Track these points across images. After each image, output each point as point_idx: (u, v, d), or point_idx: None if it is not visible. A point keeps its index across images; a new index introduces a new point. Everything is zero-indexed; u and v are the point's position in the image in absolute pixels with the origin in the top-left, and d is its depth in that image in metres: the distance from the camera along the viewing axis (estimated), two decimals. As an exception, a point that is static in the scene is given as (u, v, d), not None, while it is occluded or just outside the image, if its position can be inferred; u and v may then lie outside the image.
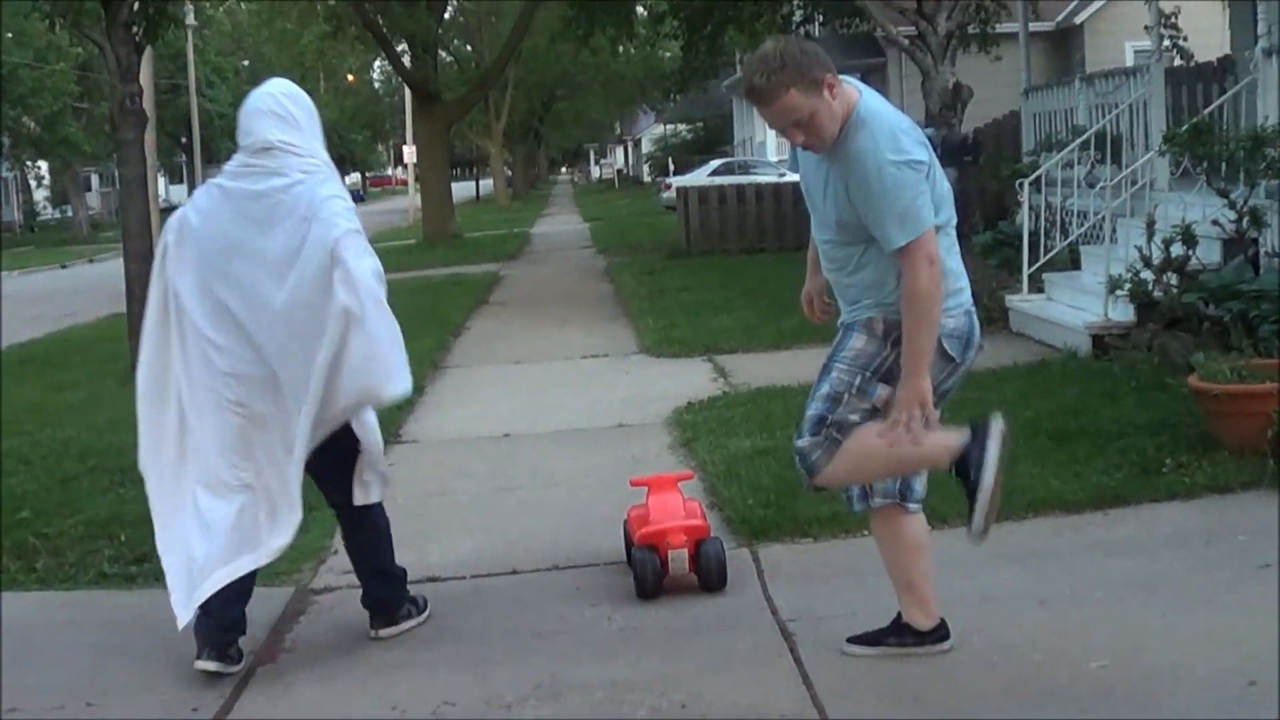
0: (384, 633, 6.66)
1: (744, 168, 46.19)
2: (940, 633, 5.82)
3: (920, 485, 5.77)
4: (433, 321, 18.41)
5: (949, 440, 5.50)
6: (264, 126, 6.22)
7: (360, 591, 6.75)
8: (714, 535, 6.98)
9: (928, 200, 5.28)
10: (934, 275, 5.22)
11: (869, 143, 5.23)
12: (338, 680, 6.13)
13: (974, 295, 5.65)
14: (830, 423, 5.49)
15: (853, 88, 5.39)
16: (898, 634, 5.85)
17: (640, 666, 5.98)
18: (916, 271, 5.22)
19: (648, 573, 6.73)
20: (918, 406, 5.28)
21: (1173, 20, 19.70)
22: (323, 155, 6.37)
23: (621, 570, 7.09)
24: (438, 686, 5.96)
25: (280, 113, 6.27)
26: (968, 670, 5.67)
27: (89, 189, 74.49)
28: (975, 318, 5.61)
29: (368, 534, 6.61)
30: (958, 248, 5.60)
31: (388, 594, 6.71)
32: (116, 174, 18.94)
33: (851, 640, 5.93)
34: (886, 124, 5.30)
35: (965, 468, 5.46)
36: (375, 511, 6.56)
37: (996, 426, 5.44)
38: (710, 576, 6.79)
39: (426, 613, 6.82)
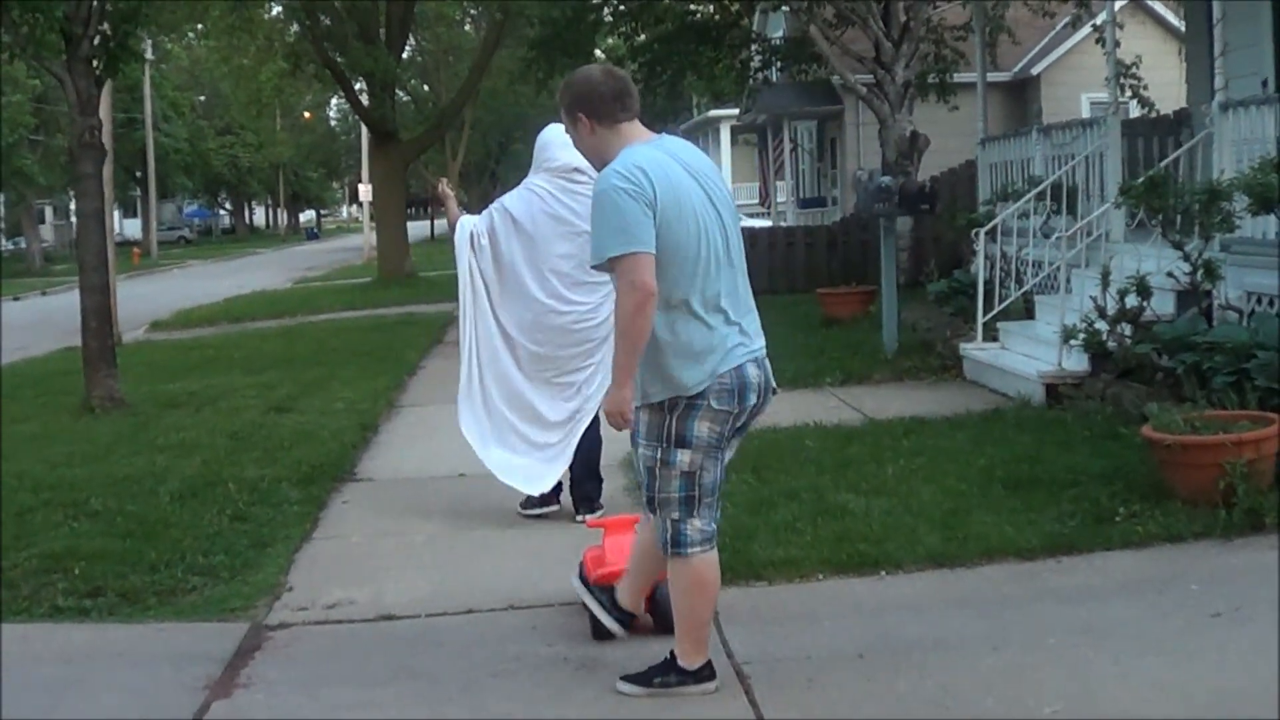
0: (589, 519, 8.66)
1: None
2: (705, 672, 5.93)
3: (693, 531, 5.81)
4: (388, 360, 18.43)
5: None
6: (569, 155, 8.47)
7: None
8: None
9: (648, 231, 5.46)
10: (636, 302, 5.42)
11: (605, 172, 5.63)
12: (295, 717, 6.11)
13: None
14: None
15: (638, 139, 5.80)
16: (663, 672, 5.97)
17: (596, 706, 5.99)
18: (620, 291, 5.50)
19: (604, 613, 6.73)
20: (617, 415, 5.66)
21: (1133, 70, 19.89)
22: None
23: (577, 611, 7.09)
24: (393, 725, 5.96)
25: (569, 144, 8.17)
26: (922, 715, 5.68)
27: (43, 221, 74.01)
28: (748, 373, 5.68)
29: (588, 436, 9.17)
30: (724, 320, 5.65)
31: (592, 488, 9.26)
32: (73, 207, 18.85)
33: (624, 679, 6.05)
34: (630, 158, 5.60)
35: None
36: (595, 424, 9.05)
37: None
38: (665, 618, 6.76)
39: (602, 510, 9.05)
